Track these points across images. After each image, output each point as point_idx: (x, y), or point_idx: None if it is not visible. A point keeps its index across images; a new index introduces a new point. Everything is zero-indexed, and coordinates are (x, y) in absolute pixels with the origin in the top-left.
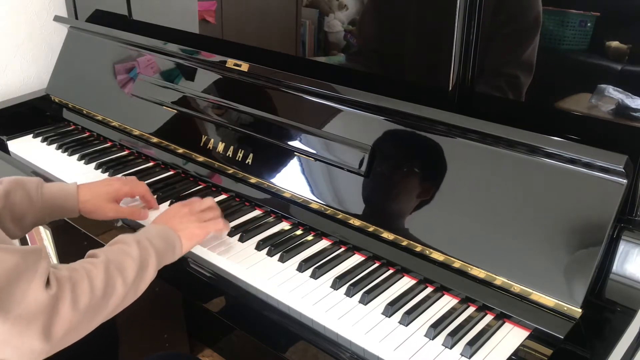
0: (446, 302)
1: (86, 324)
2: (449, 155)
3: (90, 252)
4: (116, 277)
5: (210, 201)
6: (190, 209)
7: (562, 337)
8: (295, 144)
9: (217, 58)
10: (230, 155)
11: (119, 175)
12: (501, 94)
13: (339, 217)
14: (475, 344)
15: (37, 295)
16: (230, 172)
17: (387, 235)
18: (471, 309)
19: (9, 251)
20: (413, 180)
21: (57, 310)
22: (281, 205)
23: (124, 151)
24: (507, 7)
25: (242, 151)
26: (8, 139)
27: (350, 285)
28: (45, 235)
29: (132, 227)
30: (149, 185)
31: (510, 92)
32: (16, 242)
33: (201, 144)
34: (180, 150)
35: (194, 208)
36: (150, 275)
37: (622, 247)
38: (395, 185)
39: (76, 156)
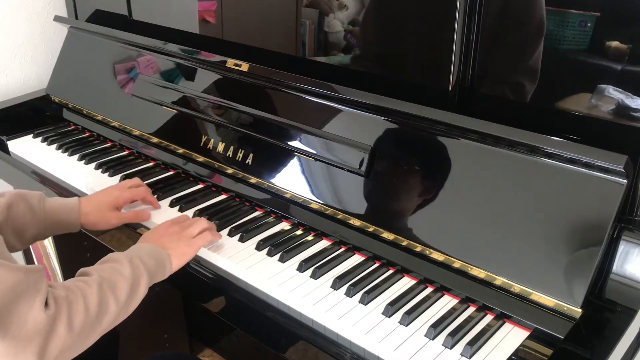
0: (446, 302)
1: (79, 344)
2: (449, 155)
3: (82, 270)
4: (109, 296)
5: (196, 218)
6: (180, 227)
7: (562, 337)
8: (295, 144)
9: (217, 58)
10: (230, 155)
11: (118, 177)
12: (501, 94)
13: (339, 217)
14: (476, 344)
15: (37, 316)
16: (230, 172)
17: (387, 235)
18: (471, 309)
19: (13, 269)
20: (413, 180)
21: (54, 331)
22: (281, 205)
23: (124, 151)
24: (510, 9)
25: (242, 151)
26: (8, 139)
27: (351, 285)
28: None
29: (132, 227)
30: (149, 185)
31: (510, 92)
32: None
33: (201, 144)
34: (180, 151)
35: (183, 225)
36: (141, 293)
37: (622, 247)
38: (395, 186)
39: (76, 156)
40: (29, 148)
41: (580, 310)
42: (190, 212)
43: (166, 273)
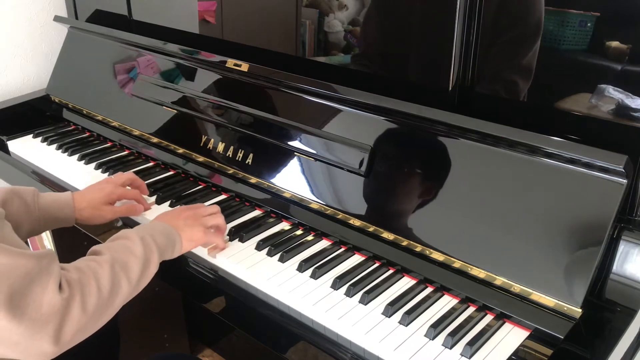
0: (446, 302)
1: (93, 324)
2: (449, 155)
3: (94, 248)
4: (121, 276)
5: (215, 208)
6: (194, 213)
7: (562, 337)
8: (296, 144)
9: (217, 58)
10: (230, 156)
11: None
12: (501, 94)
13: (339, 217)
14: (475, 344)
15: (51, 299)
16: (230, 172)
17: (387, 235)
18: (471, 309)
19: (25, 256)
20: (413, 180)
21: (68, 313)
22: (281, 205)
23: (124, 151)
24: (509, 8)
25: (242, 151)
26: (8, 139)
27: (351, 285)
28: (45, 236)
29: (132, 227)
30: (149, 185)
31: (510, 92)
32: None
33: (201, 144)
34: (180, 151)
35: (199, 212)
36: (152, 271)
37: (622, 247)
38: (395, 185)
39: (76, 156)
40: (28, 148)
41: (580, 310)
42: None
43: (175, 253)
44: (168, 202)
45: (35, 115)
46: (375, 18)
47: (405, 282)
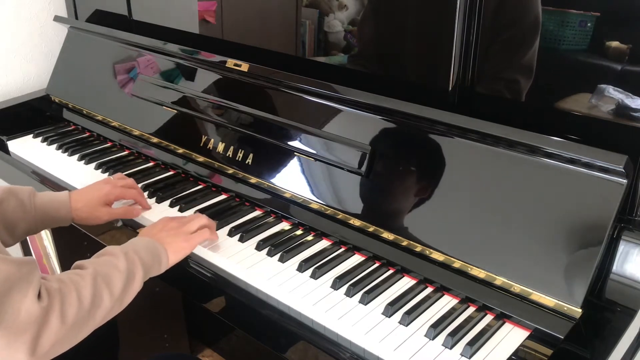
0: (446, 302)
1: (72, 337)
2: (449, 155)
3: (78, 263)
4: (103, 289)
5: (196, 215)
6: (178, 223)
7: (562, 337)
8: (295, 144)
9: (217, 58)
10: (230, 156)
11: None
12: (501, 94)
13: (339, 217)
14: (475, 344)
15: (29, 307)
16: (230, 172)
17: (387, 235)
18: (471, 309)
19: (5, 261)
20: (413, 180)
21: (46, 323)
22: (281, 205)
23: (124, 151)
24: (507, 8)
25: (242, 151)
26: (8, 139)
27: (351, 285)
28: (45, 236)
29: (131, 226)
30: (149, 185)
31: (510, 92)
32: (16, 246)
33: (201, 144)
34: (180, 151)
35: (182, 221)
36: (136, 287)
37: (622, 247)
38: (395, 185)
39: (76, 156)
40: (29, 148)
41: (580, 310)
42: (190, 212)
43: (162, 268)
44: (168, 202)
45: (35, 115)
46: (376, 18)
47: (405, 282)
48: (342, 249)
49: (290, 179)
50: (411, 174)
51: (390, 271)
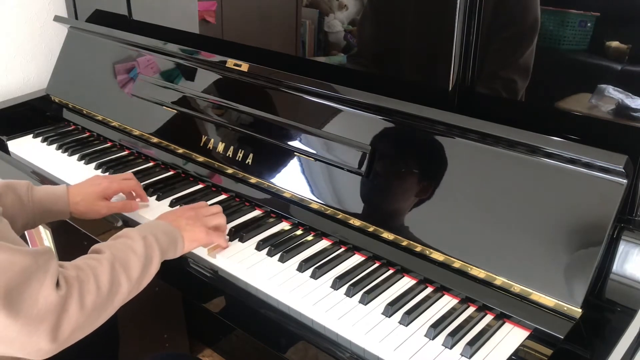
0: (446, 302)
1: (91, 323)
2: (449, 155)
3: (95, 247)
4: (121, 274)
5: (217, 208)
6: (196, 213)
7: (562, 337)
8: (295, 144)
9: (217, 58)
10: (230, 155)
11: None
12: (501, 94)
13: (339, 217)
14: (475, 344)
15: (48, 296)
16: (230, 172)
17: (387, 235)
18: (471, 309)
19: (22, 252)
20: (413, 180)
21: (65, 310)
22: (281, 205)
23: (124, 151)
24: (507, 8)
25: (242, 151)
26: (8, 139)
27: (351, 285)
28: (45, 236)
29: (132, 226)
30: (149, 185)
31: (510, 92)
32: None
33: (201, 144)
34: (180, 151)
35: (201, 212)
36: (153, 271)
37: (622, 247)
38: (395, 185)
39: (76, 156)
40: (29, 148)
41: (580, 310)
42: None
43: (177, 252)
44: (168, 202)
45: (35, 115)
46: (375, 18)
47: (405, 282)
48: (342, 249)
49: (290, 179)
50: (411, 174)
51: (390, 271)
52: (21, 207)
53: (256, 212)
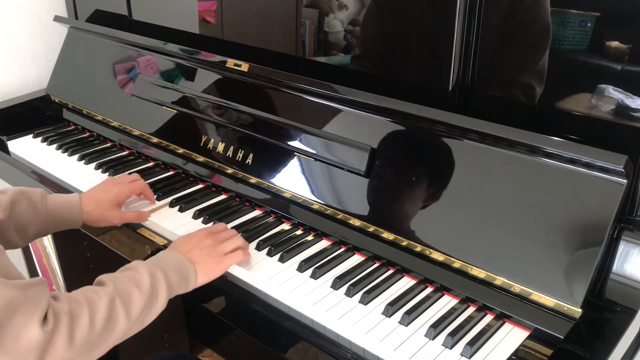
0: (446, 302)
1: (84, 357)
2: (449, 155)
3: (99, 278)
4: (120, 311)
5: (232, 232)
6: (214, 240)
7: (562, 337)
8: (296, 144)
9: (217, 58)
10: (230, 156)
11: (117, 176)
12: (501, 94)
13: (339, 217)
14: (475, 344)
15: (30, 333)
16: (230, 172)
17: (387, 235)
18: (471, 309)
19: (8, 285)
20: (413, 180)
21: (51, 346)
22: (281, 205)
23: (124, 151)
24: (509, 7)
25: (242, 151)
26: (8, 139)
27: (351, 285)
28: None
29: (131, 227)
30: (149, 185)
31: (510, 92)
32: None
33: (201, 144)
34: (180, 151)
35: (219, 238)
36: (159, 308)
37: (622, 247)
38: (395, 186)
39: (76, 156)
40: (29, 148)
41: (580, 310)
42: (190, 212)
43: (189, 287)
44: (168, 202)
45: (35, 115)
46: (376, 18)
47: (405, 282)
48: (342, 249)
49: (290, 179)
50: (411, 174)
51: (390, 271)
52: (35, 215)
53: (256, 212)
